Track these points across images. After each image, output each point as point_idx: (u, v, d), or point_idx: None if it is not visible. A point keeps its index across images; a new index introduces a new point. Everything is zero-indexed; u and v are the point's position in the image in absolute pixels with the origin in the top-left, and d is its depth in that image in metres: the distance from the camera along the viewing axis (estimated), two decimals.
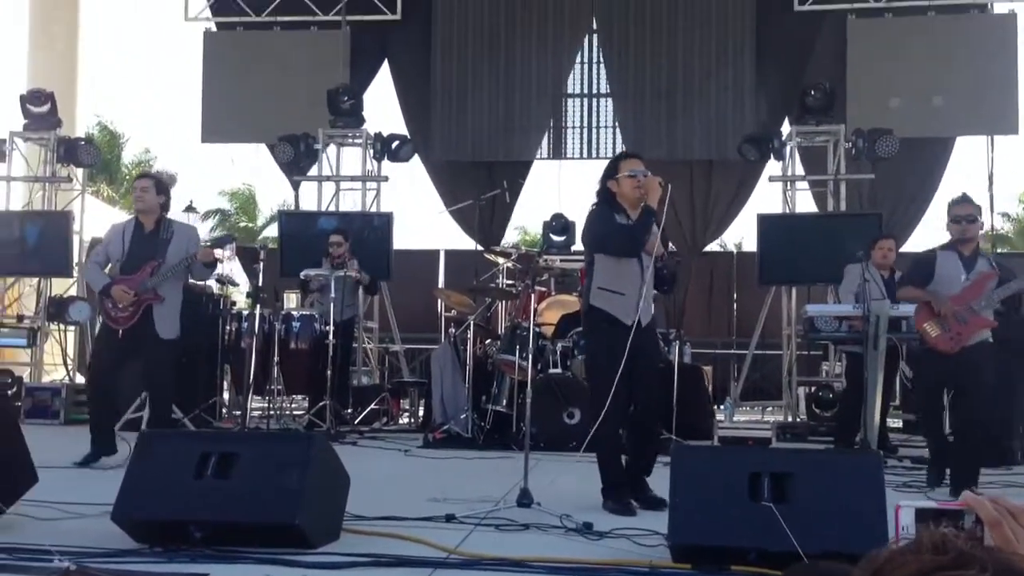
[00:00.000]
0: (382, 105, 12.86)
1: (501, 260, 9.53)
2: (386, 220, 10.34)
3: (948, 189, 12.13)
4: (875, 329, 7.14)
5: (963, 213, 5.72)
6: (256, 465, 3.93)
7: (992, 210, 11.19)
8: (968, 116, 11.33)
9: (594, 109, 12.58)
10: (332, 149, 11.11)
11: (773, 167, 10.93)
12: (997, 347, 5.82)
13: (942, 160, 11.95)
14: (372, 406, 9.05)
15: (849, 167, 10.39)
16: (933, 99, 11.23)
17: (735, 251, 16.74)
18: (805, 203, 11.03)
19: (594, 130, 12.54)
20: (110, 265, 6.28)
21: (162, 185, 6.38)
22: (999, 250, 17.25)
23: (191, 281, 6.76)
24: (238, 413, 8.20)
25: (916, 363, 6.04)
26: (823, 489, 3.65)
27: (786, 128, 11.12)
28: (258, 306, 5.24)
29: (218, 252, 6.23)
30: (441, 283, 12.07)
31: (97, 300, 6.29)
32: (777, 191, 10.73)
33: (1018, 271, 5.89)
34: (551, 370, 7.90)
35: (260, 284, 5.28)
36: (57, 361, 10.30)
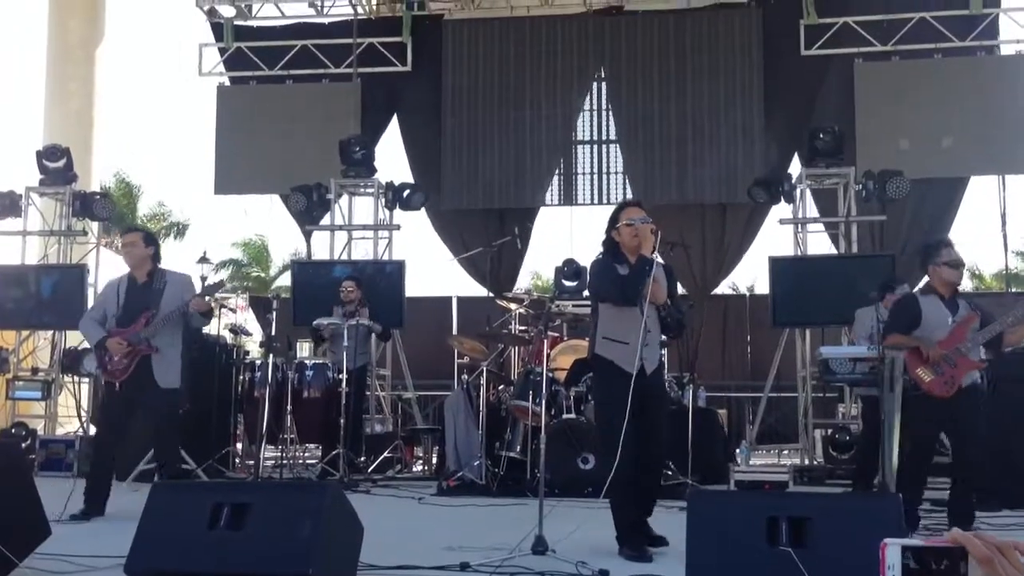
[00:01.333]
0: (393, 155, 13.00)
1: (513, 306, 9.54)
2: (398, 268, 10.38)
3: (960, 229, 12.14)
4: (891, 371, 7.11)
5: (954, 258, 5.75)
6: (269, 515, 3.91)
7: (1006, 249, 11.16)
8: (978, 156, 11.36)
9: (604, 155, 12.67)
10: (344, 199, 11.20)
11: (782, 209, 10.95)
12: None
13: (955, 200, 11.94)
14: (385, 454, 9.00)
15: (860, 209, 10.39)
16: (942, 140, 11.28)
17: (748, 293, 16.72)
18: (816, 245, 11.05)
19: (604, 176, 12.62)
20: (107, 321, 6.30)
21: (150, 237, 6.45)
22: (1013, 290, 17.15)
23: (203, 331, 6.77)
24: (251, 463, 8.17)
25: (904, 408, 6.03)
26: (842, 533, 3.60)
27: (795, 170, 11.15)
28: (271, 355, 5.24)
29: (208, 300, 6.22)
30: (454, 330, 12.07)
31: (96, 356, 6.31)
32: (787, 233, 10.74)
33: (993, 311, 5.90)
34: (565, 415, 7.85)
35: (273, 333, 5.29)
36: (71, 413, 10.30)
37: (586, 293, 11.05)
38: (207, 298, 6.25)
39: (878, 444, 7.12)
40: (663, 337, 5.32)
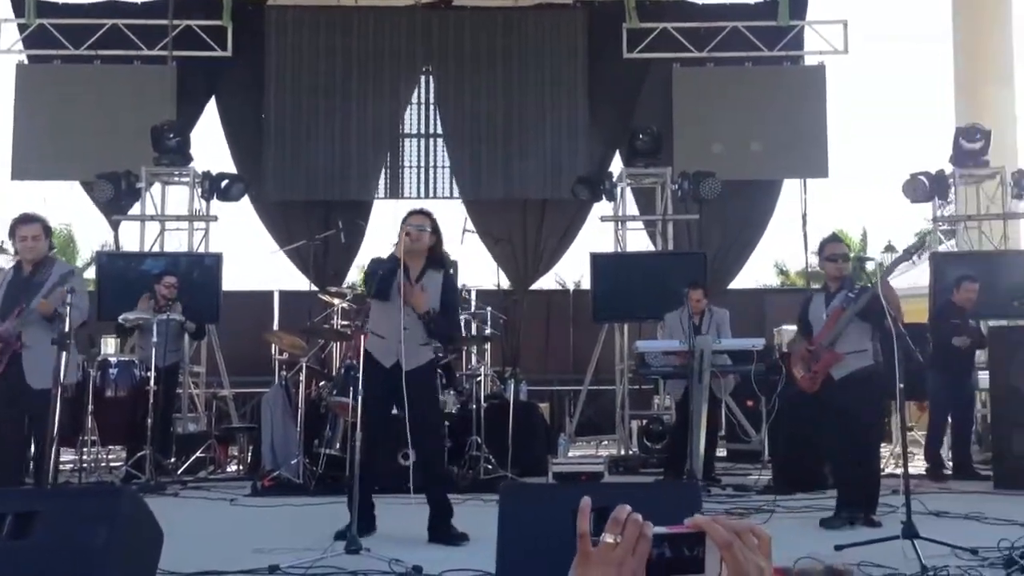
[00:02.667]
0: (212, 143, 12.49)
1: (336, 301, 9.37)
2: (215, 261, 10.01)
3: (769, 230, 12.82)
4: (699, 363, 7.44)
5: (839, 252, 5.98)
6: (58, 523, 3.66)
7: (807, 248, 11.87)
8: (783, 160, 12.01)
9: (431, 149, 12.63)
10: (156, 188, 10.68)
11: (604, 207, 11.27)
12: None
13: (769, 203, 12.58)
14: (198, 454, 8.66)
15: (677, 208, 10.81)
16: (752, 144, 11.85)
17: (573, 288, 17.10)
18: (636, 242, 11.41)
19: (431, 170, 12.58)
20: None
21: (48, 228, 6.11)
22: (815, 286, 18.27)
23: None
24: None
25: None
26: (646, 518, 3.70)
27: (617, 169, 11.48)
28: (63, 353, 4.92)
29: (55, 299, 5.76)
30: (275, 325, 11.74)
31: None
32: (609, 230, 11.05)
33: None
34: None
35: (67, 329, 4.97)
36: None
37: None
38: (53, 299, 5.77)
39: (686, 433, 7.44)
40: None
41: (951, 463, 8.33)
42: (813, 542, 4.82)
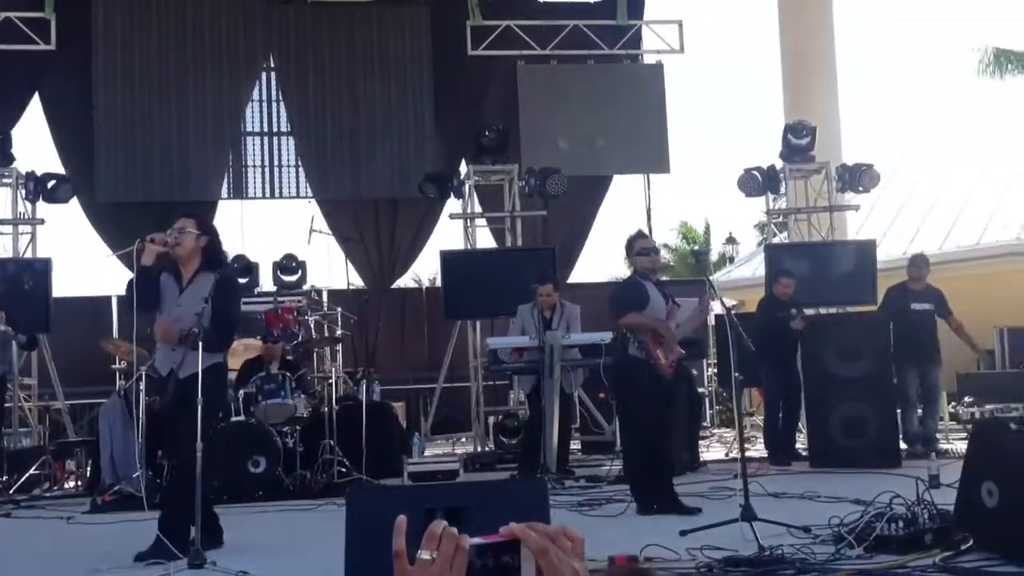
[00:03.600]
0: (36, 141, 11.76)
1: None
2: (44, 266, 9.47)
3: (611, 224, 13.17)
4: (550, 358, 7.56)
5: (650, 245, 6.15)
6: None
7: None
8: (627, 156, 12.33)
9: (275, 148, 12.32)
10: None
11: (453, 205, 11.28)
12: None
13: (600, 196, 12.90)
14: (32, 471, 8.18)
15: (524, 205, 10.93)
16: (596, 141, 12.11)
17: (425, 286, 17.07)
18: (486, 239, 11.47)
19: (276, 169, 12.28)
20: None
21: None
22: (663, 278, 18.86)
23: None
24: None
25: (632, 389, 6.05)
26: (494, 517, 3.72)
27: (464, 167, 11.51)
28: None
29: None
30: (114, 332, 11.19)
31: None
32: (459, 228, 11.08)
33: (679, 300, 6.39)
34: (234, 418, 7.56)
35: None
36: None
37: (260, 287, 10.75)
38: None
39: (539, 428, 7.55)
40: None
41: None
42: (659, 529, 4.98)
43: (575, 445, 9.40)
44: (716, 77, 53.69)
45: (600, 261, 38.81)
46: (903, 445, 8.30)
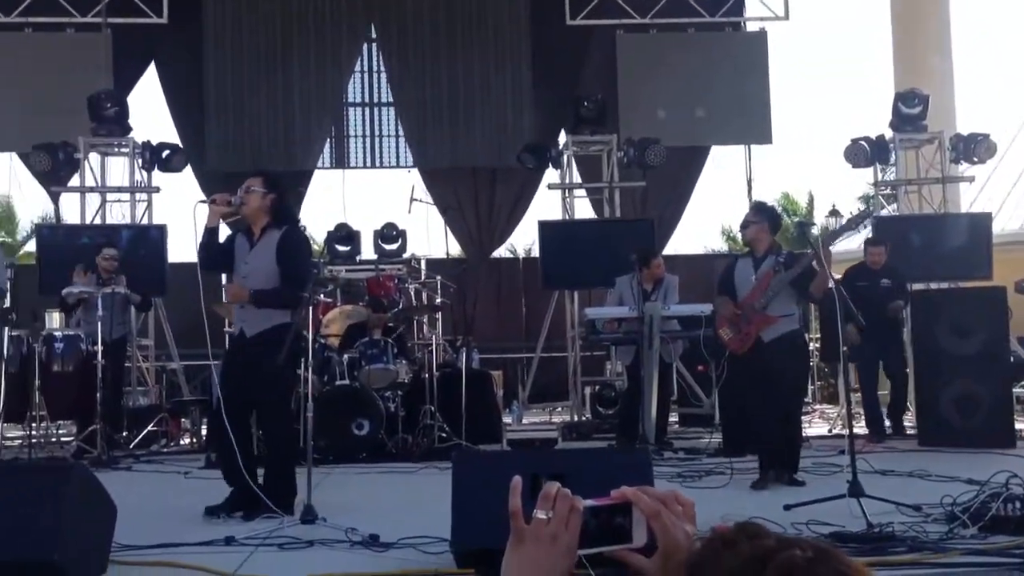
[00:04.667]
0: (151, 112, 12.21)
1: None
2: (160, 233, 9.85)
3: (712, 196, 12.98)
4: (649, 330, 7.53)
5: (746, 219, 6.09)
6: (8, 500, 3.63)
7: None
8: (727, 127, 12.12)
9: (376, 118, 12.52)
10: (95, 158, 10.43)
11: (552, 175, 11.28)
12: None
13: (698, 167, 12.71)
14: (150, 428, 8.57)
15: (622, 175, 10.86)
16: (696, 110, 11.93)
17: (522, 256, 17.14)
18: (585, 209, 11.45)
19: (377, 139, 12.47)
20: None
21: None
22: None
23: None
24: None
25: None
26: (597, 486, 3.76)
27: (563, 137, 11.49)
28: (7, 328, 4.82)
29: None
30: (224, 296, 11.57)
31: None
32: (555, 199, 11.08)
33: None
34: (338, 381, 7.77)
35: (8, 304, 4.87)
36: None
37: (362, 255, 10.96)
38: None
39: (638, 399, 7.55)
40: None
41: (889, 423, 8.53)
42: (762, 503, 4.95)
43: (673, 417, 9.36)
44: (820, 41, 52.07)
45: (698, 233, 38.35)
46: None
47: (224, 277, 7.48)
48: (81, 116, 10.08)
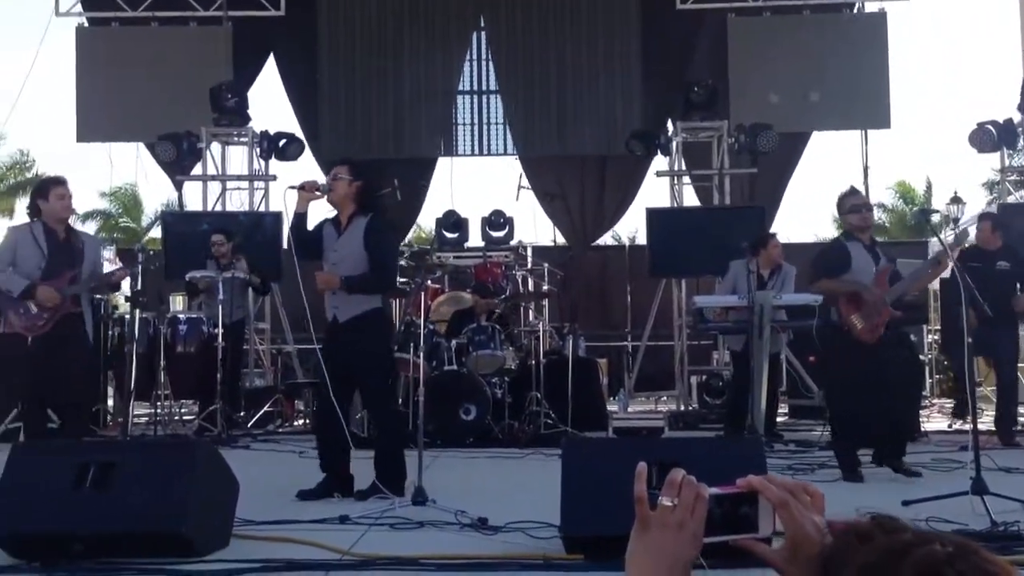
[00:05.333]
0: (269, 102, 12.62)
1: None
2: (275, 219, 10.16)
3: (823, 182, 12.64)
4: (760, 318, 7.38)
5: (861, 202, 5.88)
6: (138, 474, 3.81)
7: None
8: (843, 111, 11.77)
9: (484, 106, 12.61)
10: (217, 148, 10.83)
11: (660, 162, 11.17)
12: None
13: (798, 152, 12.38)
14: (266, 408, 8.87)
15: (732, 162, 10.67)
16: (810, 95, 11.62)
17: (627, 244, 17.03)
18: (693, 197, 11.29)
19: (485, 127, 12.57)
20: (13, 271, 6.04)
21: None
22: (878, 239, 17.97)
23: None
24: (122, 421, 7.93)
25: (836, 352, 5.95)
26: (709, 474, 3.73)
27: (672, 124, 11.35)
28: (138, 310, 5.08)
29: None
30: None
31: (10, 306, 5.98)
32: (665, 186, 10.96)
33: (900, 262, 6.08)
34: (446, 367, 7.88)
35: (140, 287, 5.13)
36: None
37: (470, 243, 11.08)
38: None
39: (747, 388, 7.42)
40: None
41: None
42: (880, 498, 4.81)
43: (782, 409, 9.19)
44: (941, 21, 49.96)
45: (808, 220, 37.40)
46: None
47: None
48: (203, 107, 10.48)
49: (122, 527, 3.65)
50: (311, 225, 5.43)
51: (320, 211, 5.62)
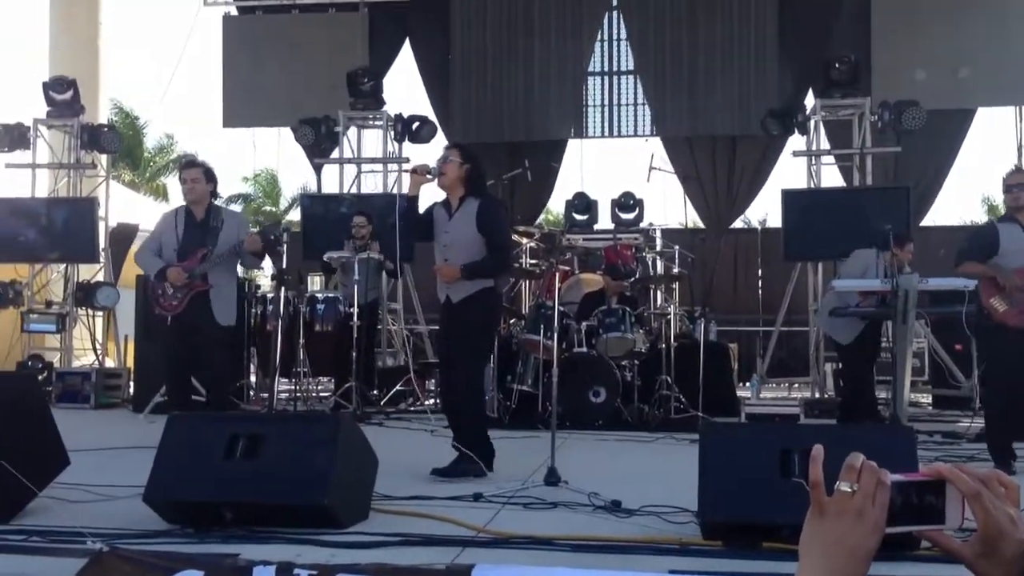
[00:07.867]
0: (403, 86, 12.86)
1: (524, 240, 9.50)
2: (409, 202, 10.31)
3: (977, 161, 12.00)
4: (904, 303, 7.08)
5: (1014, 182, 5.59)
6: (285, 446, 3.95)
7: None
8: (994, 87, 11.17)
9: (615, 87, 12.49)
10: (353, 131, 11.10)
11: (796, 142, 10.81)
12: None
13: (962, 132, 11.77)
14: (398, 387, 9.06)
15: (874, 140, 10.25)
16: (959, 70, 11.06)
17: (759, 227, 16.62)
18: (830, 178, 10.91)
19: (615, 108, 12.46)
20: (163, 254, 6.33)
21: (210, 173, 6.43)
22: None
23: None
24: (265, 396, 8.24)
25: (984, 339, 5.81)
26: None
27: (810, 102, 10.98)
28: (283, 289, 5.27)
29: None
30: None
31: (149, 289, 6.31)
32: (801, 166, 10.61)
33: None
34: (576, 349, 7.87)
35: (284, 267, 5.32)
36: (86, 346, 10.39)
37: (599, 224, 11.02)
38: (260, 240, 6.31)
39: (863, 379, 7.13)
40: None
41: None
42: None
43: (926, 399, 8.81)
44: None
45: (956, 203, 35.68)
46: None
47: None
48: (340, 92, 10.75)
49: (269, 498, 3.79)
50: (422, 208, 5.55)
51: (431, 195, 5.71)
